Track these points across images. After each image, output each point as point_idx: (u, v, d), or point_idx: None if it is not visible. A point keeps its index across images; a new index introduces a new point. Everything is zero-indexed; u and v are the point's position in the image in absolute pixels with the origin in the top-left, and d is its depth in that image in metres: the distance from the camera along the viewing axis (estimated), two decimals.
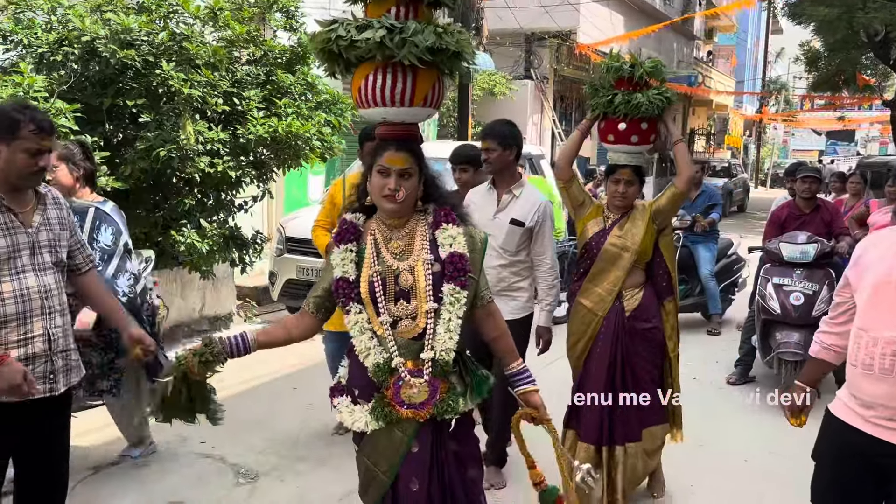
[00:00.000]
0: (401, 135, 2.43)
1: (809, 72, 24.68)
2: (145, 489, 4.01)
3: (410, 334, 2.40)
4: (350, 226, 2.48)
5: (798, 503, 4.11)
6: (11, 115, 2.58)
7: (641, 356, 3.68)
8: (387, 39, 2.23)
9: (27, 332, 2.63)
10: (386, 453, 2.40)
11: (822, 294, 5.60)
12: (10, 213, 2.61)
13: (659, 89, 3.58)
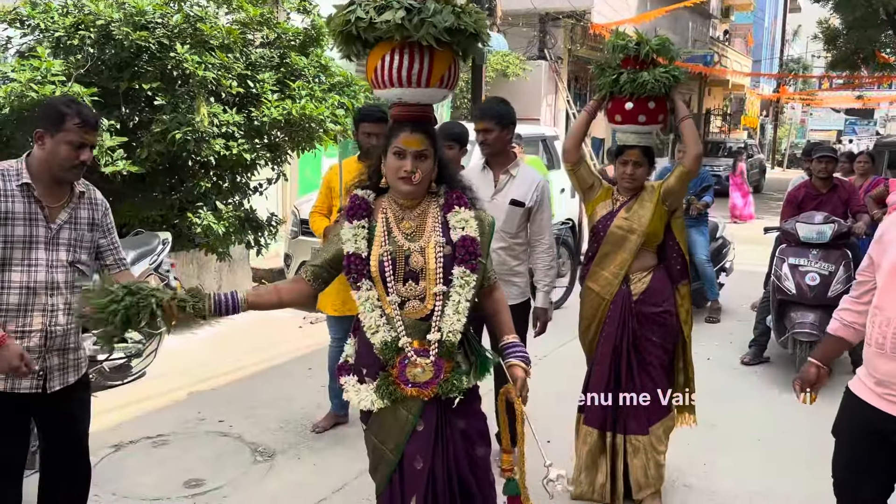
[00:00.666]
0: (416, 116, 2.43)
1: (828, 50, 24.33)
2: (165, 467, 4.08)
3: (418, 315, 2.42)
4: (361, 202, 2.48)
5: (810, 481, 4.15)
6: (59, 107, 2.63)
7: (652, 341, 3.61)
8: (406, 21, 2.24)
9: (25, 325, 2.63)
10: (392, 432, 2.42)
11: (838, 274, 5.58)
12: (38, 205, 2.64)
13: (666, 67, 3.50)
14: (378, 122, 4.30)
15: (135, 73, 5.42)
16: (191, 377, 5.48)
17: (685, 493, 3.95)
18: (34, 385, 2.69)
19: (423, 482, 2.38)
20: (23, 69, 4.84)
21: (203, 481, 3.94)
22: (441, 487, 2.39)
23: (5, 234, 2.56)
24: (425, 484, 2.38)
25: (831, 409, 5.08)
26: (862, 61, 22.58)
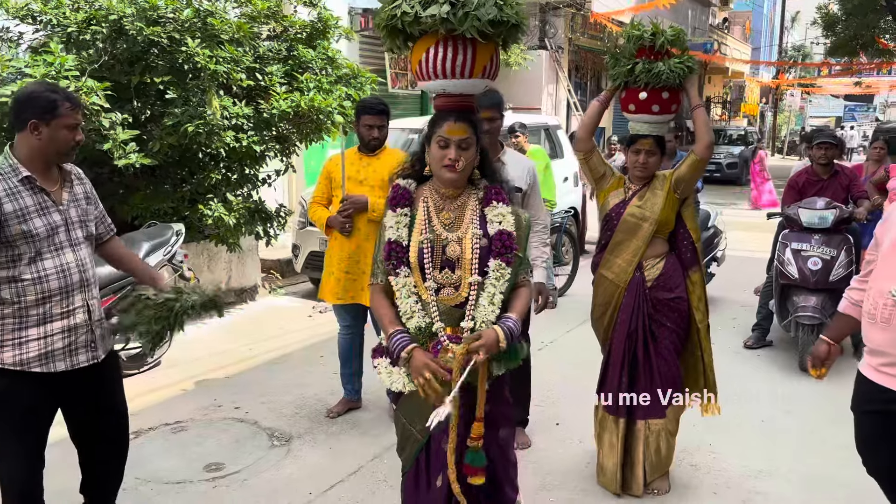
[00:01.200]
0: (460, 106, 2.52)
1: (827, 36, 24.36)
2: (185, 452, 4.19)
3: (452, 302, 2.50)
4: (403, 191, 2.58)
5: (811, 460, 4.27)
6: (48, 95, 2.69)
7: (666, 326, 3.68)
8: (450, 14, 2.33)
9: (69, 305, 2.77)
10: (422, 413, 2.49)
11: (839, 259, 5.67)
12: (43, 194, 2.72)
13: (680, 58, 3.56)
14: (378, 115, 4.40)
15: (146, 68, 5.50)
16: (204, 366, 5.59)
17: (692, 472, 4.06)
18: (90, 357, 2.86)
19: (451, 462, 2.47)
20: (37, 64, 4.92)
21: (223, 465, 4.06)
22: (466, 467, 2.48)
23: (26, 228, 2.65)
24: (455, 464, 2.46)
25: (832, 391, 5.23)
26: (861, 47, 22.61)
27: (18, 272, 2.66)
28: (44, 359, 2.73)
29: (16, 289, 2.67)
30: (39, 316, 2.70)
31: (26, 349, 2.70)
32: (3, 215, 2.59)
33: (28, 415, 2.77)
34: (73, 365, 2.80)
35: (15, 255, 2.65)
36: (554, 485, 3.90)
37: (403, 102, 11.61)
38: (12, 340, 2.68)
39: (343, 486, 3.85)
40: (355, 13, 10.18)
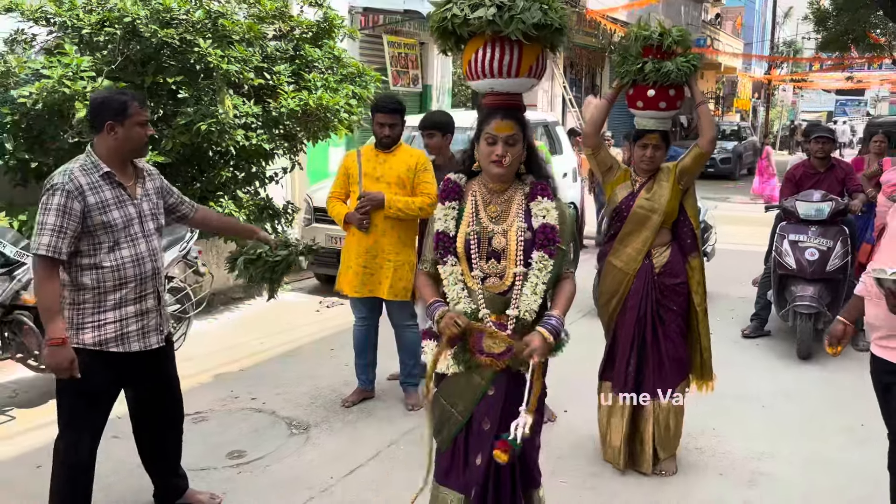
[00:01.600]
0: (507, 104, 2.67)
1: (818, 31, 24.57)
2: (207, 441, 4.32)
3: (497, 290, 2.65)
4: (454, 185, 2.73)
5: (810, 442, 4.44)
6: (119, 98, 2.98)
7: (671, 310, 3.89)
8: (497, 17, 2.48)
9: (143, 291, 3.05)
10: (464, 395, 2.66)
11: (836, 250, 5.86)
12: (121, 188, 2.99)
13: (686, 56, 3.73)
14: (392, 114, 4.55)
15: (158, 68, 5.62)
16: (219, 359, 5.71)
17: (697, 454, 4.22)
18: (159, 339, 3.18)
19: (488, 442, 2.62)
20: (54, 66, 5.04)
21: (245, 452, 4.19)
22: None
23: (105, 219, 2.92)
24: (491, 444, 2.60)
25: (830, 377, 5.42)
26: (852, 42, 22.81)
27: (99, 260, 2.93)
28: (120, 339, 3.02)
29: (97, 275, 2.94)
30: (116, 301, 2.98)
31: (104, 331, 2.98)
32: (87, 206, 2.86)
33: (100, 392, 3.05)
34: (145, 346, 3.11)
35: (96, 244, 2.92)
36: (565, 469, 4.04)
37: (405, 98, 11.73)
38: (92, 323, 2.96)
39: (363, 471, 3.99)
40: (356, 12, 10.31)
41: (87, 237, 2.90)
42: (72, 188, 2.85)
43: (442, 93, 12.75)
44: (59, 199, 2.84)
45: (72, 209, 2.84)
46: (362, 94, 6.66)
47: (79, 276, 2.94)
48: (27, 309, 4.50)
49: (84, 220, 2.87)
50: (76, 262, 2.93)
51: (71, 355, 2.89)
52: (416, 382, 4.86)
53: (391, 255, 4.56)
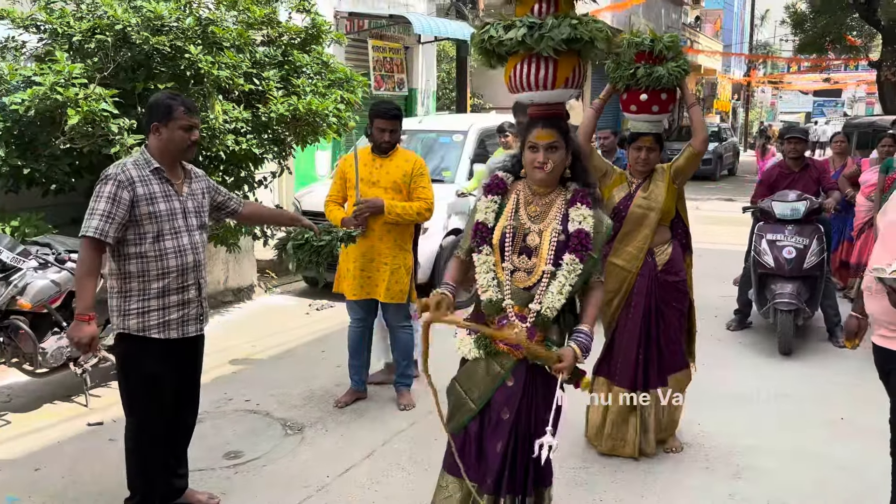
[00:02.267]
0: (548, 114, 2.83)
1: (795, 34, 24.92)
2: (204, 443, 4.37)
3: (523, 284, 2.78)
4: (500, 181, 2.89)
5: (793, 435, 4.57)
6: (166, 101, 3.20)
7: (672, 306, 4.07)
8: (527, 37, 2.66)
9: (185, 281, 3.25)
10: (481, 384, 2.80)
11: (812, 247, 6.06)
12: (168, 184, 3.23)
13: (677, 61, 3.90)
14: (391, 119, 4.63)
15: (149, 74, 5.66)
16: (211, 362, 5.66)
17: (684, 448, 4.33)
18: (198, 328, 3.39)
19: (507, 431, 2.74)
20: (46, 73, 5.07)
21: (241, 453, 4.26)
22: (521, 439, 2.75)
23: (151, 210, 3.14)
24: (509, 432, 2.74)
25: (810, 372, 5.56)
26: (829, 44, 23.16)
27: (144, 249, 3.14)
28: (162, 327, 3.22)
29: (142, 264, 3.15)
30: (159, 289, 3.18)
31: (147, 318, 3.19)
32: (135, 196, 3.09)
33: (149, 374, 3.24)
34: (184, 333, 3.30)
35: (142, 233, 3.13)
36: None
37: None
38: (137, 310, 3.17)
39: (358, 469, 4.08)
40: (341, 17, 10.38)
41: (133, 226, 3.11)
42: (123, 178, 3.08)
43: (427, 96, 12.85)
44: (111, 187, 3.06)
45: (121, 197, 3.06)
46: (350, 98, 6.73)
47: (125, 265, 3.15)
48: (23, 314, 4.54)
49: (132, 209, 3.09)
50: (123, 252, 3.14)
51: (93, 332, 3.10)
52: (409, 383, 4.95)
53: (388, 258, 4.64)
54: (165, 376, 3.30)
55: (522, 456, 2.76)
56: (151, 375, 3.25)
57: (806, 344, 6.33)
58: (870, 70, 24.75)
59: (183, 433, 3.56)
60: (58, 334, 4.65)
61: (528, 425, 2.77)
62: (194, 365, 3.51)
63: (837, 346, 6.16)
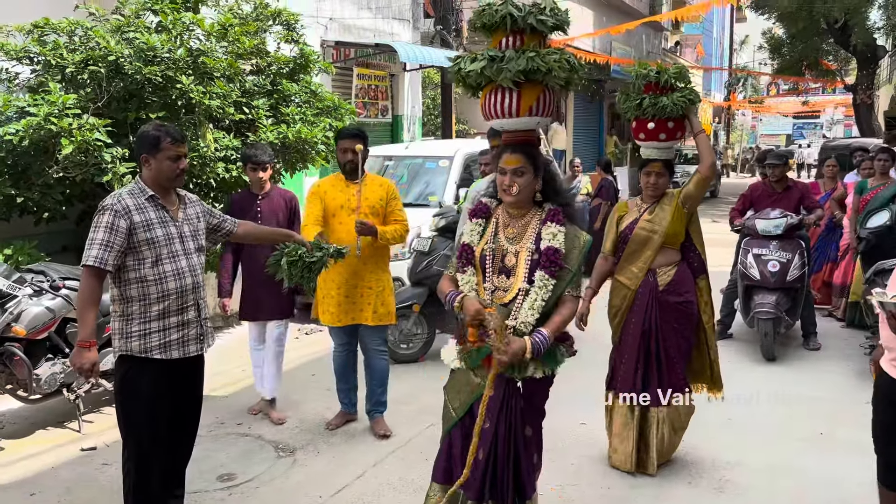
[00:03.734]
0: (517, 140, 2.99)
1: (773, 59, 25.42)
2: (197, 466, 4.40)
3: (502, 301, 2.93)
4: (484, 206, 3.07)
5: (775, 450, 4.69)
6: (153, 133, 3.31)
7: (672, 326, 4.20)
8: (486, 68, 2.83)
9: (184, 303, 3.34)
10: (461, 394, 2.97)
11: (794, 261, 6.46)
12: (164, 210, 3.33)
13: (682, 92, 4.11)
14: (353, 139, 4.66)
15: (141, 104, 5.77)
16: (221, 380, 5.87)
17: (667, 464, 4.42)
18: (198, 348, 3.45)
19: (488, 440, 2.88)
20: (40, 104, 5.17)
21: (235, 475, 4.33)
22: (501, 448, 2.88)
23: (149, 236, 3.24)
24: (490, 441, 2.88)
25: (790, 389, 5.67)
26: (807, 68, 23.63)
27: (144, 273, 3.24)
28: (163, 347, 3.31)
29: (142, 288, 3.25)
30: (160, 311, 3.28)
31: (149, 339, 3.28)
32: (132, 224, 3.21)
33: (149, 395, 3.30)
34: (184, 353, 3.38)
35: (140, 259, 3.24)
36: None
37: (374, 130, 12.00)
38: (138, 332, 3.27)
39: (350, 490, 4.15)
40: (328, 46, 10.55)
41: (132, 253, 3.22)
42: (119, 208, 3.19)
43: (412, 122, 13.02)
44: (108, 217, 3.17)
45: (118, 226, 3.17)
46: (338, 126, 6.86)
47: (126, 290, 3.25)
48: (17, 340, 4.60)
49: (130, 236, 3.20)
50: (124, 277, 3.24)
51: (94, 358, 3.20)
52: (382, 410, 4.94)
53: (371, 282, 4.70)
54: (165, 398, 3.35)
55: (503, 465, 2.88)
56: (151, 397, 3.31)
57: (787, 352, 6.69)
58: (846, 93, 25.25)
59: (181, 455, 3.60)
60: (51, 360, 4.72)
61: (508, 435, 2.89)
62: (194, 385, 3.57)
63: (808, 349, 6.77)
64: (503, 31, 2.89)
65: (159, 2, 6.02)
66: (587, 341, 4.44)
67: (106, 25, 5.97)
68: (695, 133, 4.21)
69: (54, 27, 5.75)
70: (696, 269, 4.30)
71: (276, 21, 6.91)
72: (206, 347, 3.53)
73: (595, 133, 23.59)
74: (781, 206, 6.70)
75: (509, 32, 2.87)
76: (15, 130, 5.13)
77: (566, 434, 4.73)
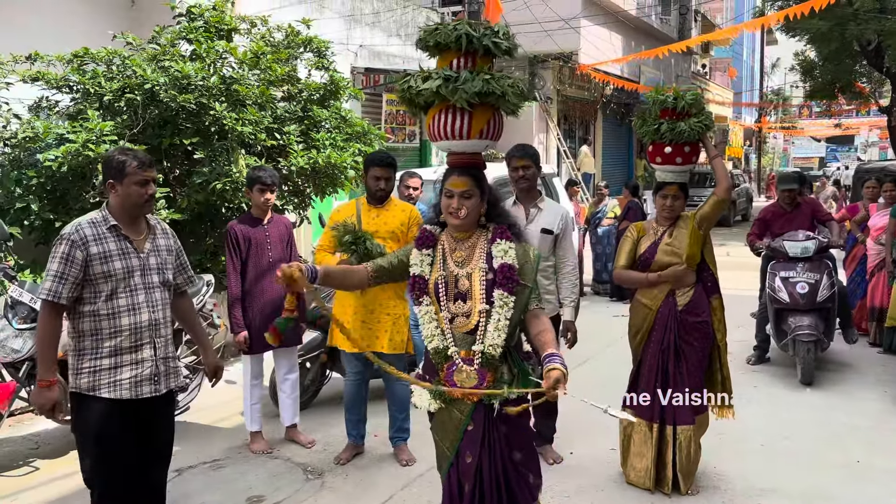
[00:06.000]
0: (464, 162, 2.92)
1: (805, 81, 25.20)
2: (226, 487, 4.47)
3: (465, 329, 2.87)
4: (429, 234, 2.98)
5: (810, 478, 4.59)
6: (118, 158, 3.14)
7: (692, 345, 4.23)
8: (442, 88, 2.76)
9: (138, 340, 3.14)
10: (448, 432, 2.89)
11: (823, 282, 6.39)
12: (126, 241, 3.14)
13: (699, 117, 4.15)
14: (386, 167, 4.66)
15: (175, 130, 5.91)
16: (230, 409, 5.87)
17: (700, 494, 4.35)
18: (152, 390, 3.20)
19: (472, 473, 2.82)
20: (78, 131, 5.32)
21: (263, 497, 4.34)
22: (487, 480, 2.81)
23: (105, 269, 3.06)
24: (474, 475, 2.81)
25: (826, 416, 5.56)
26: (839, 91, 23.38)
27: (97, 307, 3.06)
28: (112, 386, 3.09)
29: (94, 322, 3.07)
30: (111, 348, 3.09)
31: (98, 377, 3.08)
32: (89, 255, 3.03)
33: (102, 434, 3.09)
34: (136, 395, 3.14)
35: (96, 292, 3.06)
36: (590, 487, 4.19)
37: (404, 154, 12.12)
38: (89, 368, 3.07)
39: None
40: (358, 72, 10.72)
41: (88, 285, 3.06)
42: (76, 238, 3.04)
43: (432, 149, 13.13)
44: (64, 247, 3.03)
45: (74, 257, 3.01)
46: (367, 151, 6.94)
47: (79, 323, 3.08)
48: None
49: (86, 268, 3.03)
50: (78, 310, 3.08)
51: (54, 397, 3.08)
52: (406, 437, 4.89)
53: (389, 308, 4.62)
54: (119, 438, 3.12)
55: (491, 496, 2.81)
56: (103, 436, 3.09)
57: (821, 376, 6.54)
58: (881, 115, 24.92)
59: (150, 493, 3.33)
60: None
61: (492, 468, 2.82)
62: (157, 427, 3.29)
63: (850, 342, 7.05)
64: (455, 52, 2.82)
65: (193, 31, 6.18)
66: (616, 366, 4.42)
67: (142, 54, 6.14)
68: (710, 157, 4.28)
69: (93, 56, 5.94)
70: (710, 289, 4.33)
71: (306, 48, 7.05)
72: (166, 388, 3.26)
73: (624, 156, 23.54)
74: (796, 223, 6.75)
75: (463, 53, 2.81)
76: (54, 157, 5.28)
77: (597, 460, 4.69)
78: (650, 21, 21.88)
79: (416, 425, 4.98)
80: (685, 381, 4.19)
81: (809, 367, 6.27)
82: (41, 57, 6.01)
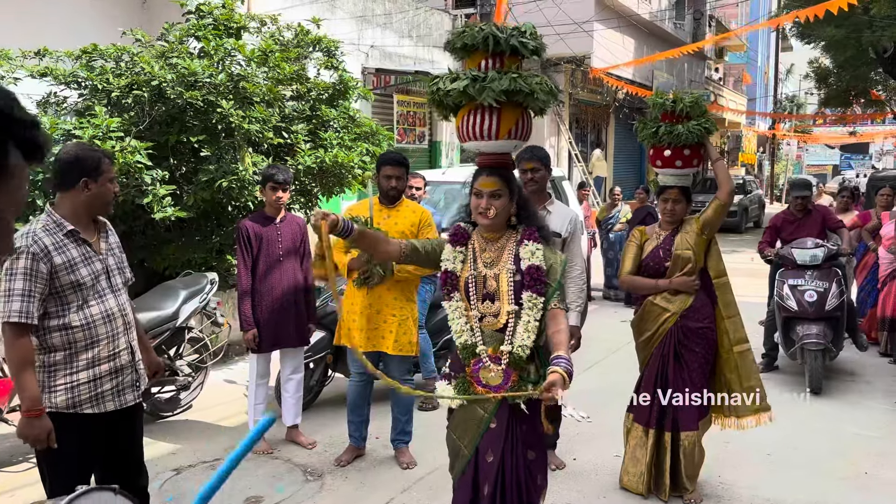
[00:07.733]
0: (494, 163, 2.94)
1: (820, 88, 25.05)
2: (225, 487, 4.39)
3: (493, 327, 2.87)
4: (462, 231, 2.99)
5: (816, 489, 4.52)
6: (93, 154, 2.91)
7: (693, 351, 4.16)
8: (469, 87, 2.77)
9: (115, 348, 2.95)
10: (469, 430, 2.87)
11: (832, 290, 6.32)
12: (86, 245, 2.89)
13: (699, 120, 4.11)
14: (397, 166, 4.65)
15: (182, 128, 5.90)
16: (231, 409, 5.85)
17: (704, 501, 4.30)
18: (135, 396, 3.06)
19: (493, 473, 2.80)
20: (85, 127, 5.31)
21: (262, 498, 4.31)
22: (509, 479, 2.80)
23: (73, 279, 2.82)
24: (496, 474, 2.80)
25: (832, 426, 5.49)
26: (854, 98, 23.23)
27: (68, 320, 2.83)
28: (96, 400, 2.90)
29: (67, 335, 2.84)
30: (89, 360, 2.88)
31: (78, 392, 2.86)
32: (54, 267, 2.77)
33: (76, 455, 2.90)
34: (121, 404, 2.98)
35: (64, 304, 2.83)
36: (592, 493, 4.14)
37: (414, 155, 12.10)
38: (65, 385, 2.85)
39: None
40: (368, 73, 10.70)
41: (54, 298, 2.81)
42: (37, 250, 2.75)
43: (451, 149, 13.09)
44: (25, 262, 2.73)
45: (38, 271, 2.74)
46: (376, 151, 6.93)
47: (48, 338, 2.83)
48: None
49: (52, 281, 2.78)
50: (44, 325, 2.82)
51: (48, 426, 2.77)
52: (407, 440, 4.85)
53: (395, 309, 4.57)
54: (99, 457, 2.98)
55: (511, 495, 2.80)
56: (84, 457, 2.91)
57: (830, 385, 6.46)
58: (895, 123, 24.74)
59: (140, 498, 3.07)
60: None
61: (513, 467, 2.81)
62: (132, 437, 3.15)
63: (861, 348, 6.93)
64: (483, 53, 2.84)
65: (202, 28, 6.17)
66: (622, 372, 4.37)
67: (151, 51, 6.14)
68: (712, 160, 4.24)
69: (102, 52, 5.93)
70: (713, 294, 4.26)
71: (316, 48, 7.03)
72: (142, 391, 3.11)
73: (636, 161, 23.44)
74: (806, 230, 6.71)
75: (490, 54, 2.84)
76: None
77: (600, 467, 4.64)
78: (664, 26, 21.79)
79: (417, 428, 4.95)
80: (686, 386, 4.13)
81: (817, 375, 6.20)
82: (50, 53, 6.01)
